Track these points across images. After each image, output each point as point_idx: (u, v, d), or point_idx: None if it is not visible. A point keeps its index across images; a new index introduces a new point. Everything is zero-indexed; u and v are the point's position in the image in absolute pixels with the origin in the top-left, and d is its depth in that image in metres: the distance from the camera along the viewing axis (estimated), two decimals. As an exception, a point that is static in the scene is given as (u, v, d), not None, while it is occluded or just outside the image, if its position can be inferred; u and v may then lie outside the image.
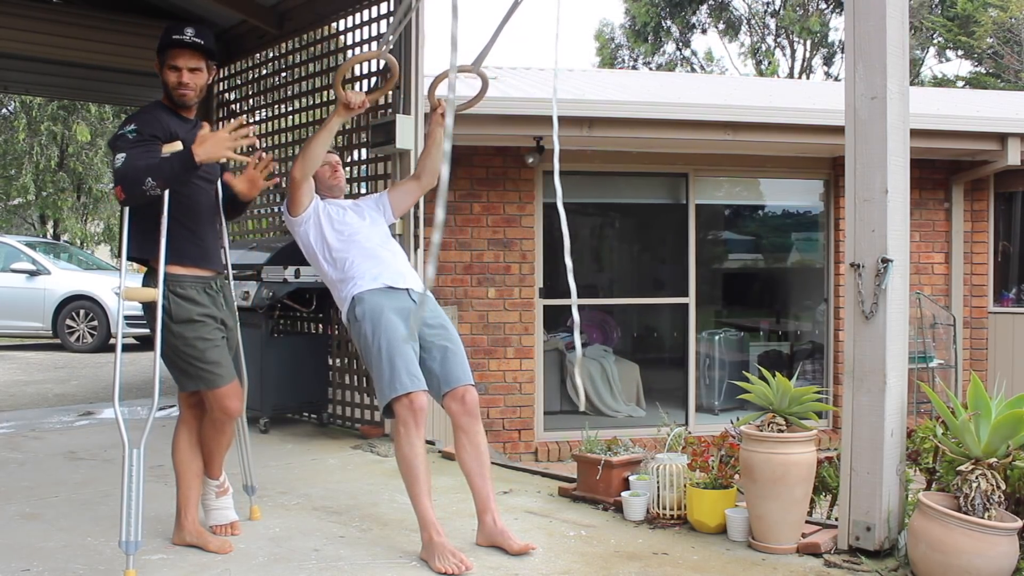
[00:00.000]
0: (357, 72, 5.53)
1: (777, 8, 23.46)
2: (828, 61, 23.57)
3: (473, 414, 3.11)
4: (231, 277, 3.28)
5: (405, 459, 2.97)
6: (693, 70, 24.69)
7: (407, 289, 3.24)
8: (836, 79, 21.79)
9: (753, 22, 24.15)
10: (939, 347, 7.34)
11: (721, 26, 24.27)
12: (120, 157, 2.77)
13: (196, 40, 2.91)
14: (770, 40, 24.03)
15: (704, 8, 24.13)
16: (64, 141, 16.44)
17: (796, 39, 23.27)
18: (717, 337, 7.56)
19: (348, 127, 5.65)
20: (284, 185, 5.74)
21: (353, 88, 5.58)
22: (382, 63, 5.15)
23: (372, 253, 3.32)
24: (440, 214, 1.83)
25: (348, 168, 5.71)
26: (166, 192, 2.83)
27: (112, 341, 10.93)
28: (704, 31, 24.69)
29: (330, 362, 5.56)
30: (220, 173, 3.19)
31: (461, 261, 6.53)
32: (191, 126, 3.00)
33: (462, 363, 3.16)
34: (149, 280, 2.92)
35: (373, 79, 5.29)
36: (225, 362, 2.99)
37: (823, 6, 22.83)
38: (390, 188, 3.74)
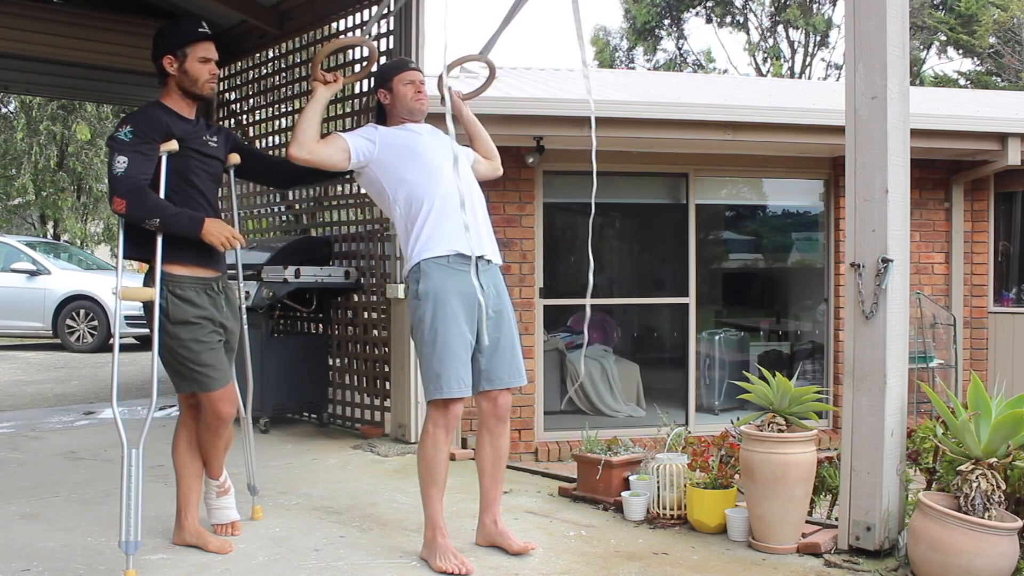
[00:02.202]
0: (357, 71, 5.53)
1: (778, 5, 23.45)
2: (822, 44, 23.51)
3: (502, 418, 3.05)
4: (241, 277, 3.27)
5: (427, 460, 2.93)
6: (693, 69, 24.69)
7: (478, 260, 2.89)
8: (836, 67, 21.82)
9: (753, 17, 24.13)
10: (939, 347, 7.33)
11: (718, 20, 24.27)
12: (121, 161, 2.76)
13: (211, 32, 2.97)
14: (766, 25, 23.99)
15: (704, 6, 24.14)
16: (64, 141, 16.44)
17: (796, 34, 23.24)
18: (717, 337, 7.56)
19: (348, 127, 5.65)
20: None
21: (352, 88, 5.58)
22: (382, 63, 5.15)
23: (453, 201, 2.91)
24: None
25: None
26: (162, 190, 2.86)
27: (112, 341, 10.94)
28: (708, 20, 24.66)
29: (330, 362, 5.57)
30: (223, 174, 3.17)
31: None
32: (192, 125, 2.98)
33: (507, 361, 3.00)
34: (149, 280, 2.91)
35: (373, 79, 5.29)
36: (220, 365, 2.96)
37: (823, 8, 22.83)
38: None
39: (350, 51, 5.53)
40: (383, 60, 5.13)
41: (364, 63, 5.22)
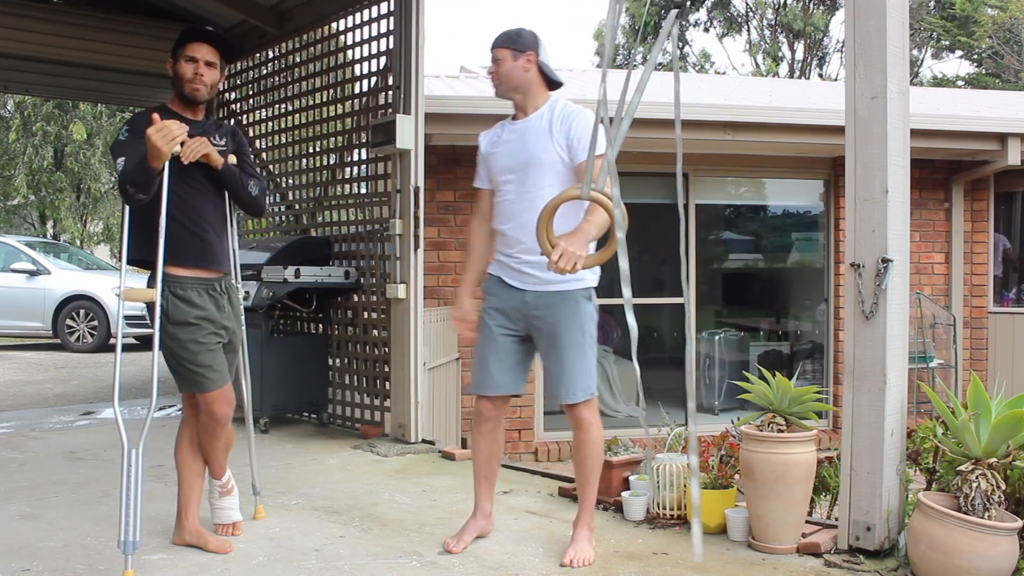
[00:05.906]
0: (357, 72, 5.52)
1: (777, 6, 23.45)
2: (821, 62, 23.55)
3: (576, 426, 2.96)
4: (239, 278, 3.24)
5: (471, 446, 3.20)
6: (695, 70, 24.70)
7: (515, 288, 2.97)
8: (832, 80, 21.81)
9: (753, 20, 24.14)
10: (939, 347, 7.34)
11: (720, 25, 24.27)
12: (120, 162, 2.83)
13: (213, 32, 3.01)
14: (767, 32, 23.98)
15: (704, 8, 24.14)
16: (61, 141, 16.42)
17: (795, 37, 23.24)
18: (717, 337, 7.56)
19: (348, 127, 5.65)
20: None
21: (352, 88, 5.56)
22: (382, 63, 5.15)
23: (507, 226, 2.99)
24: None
25: (348, 168, 5.71)
26: (164, 192, 2.82)
27: (112, 341, 10.94)
28: (707, 29, 24.68)
29: (330, 362, 5.57)
30: None
31: (461, 261, 6.52)
32: (197, 126, 2.97)
33: (559, 376, 2.93)
34: (152, 281, 2.92)
35: (373, 79, 5.29)
36: (218, 366, 2.96)
37: (822, 7, 22.82)
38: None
39: (349, 52, 5.53)
40: (383, 61, 5.12)
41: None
